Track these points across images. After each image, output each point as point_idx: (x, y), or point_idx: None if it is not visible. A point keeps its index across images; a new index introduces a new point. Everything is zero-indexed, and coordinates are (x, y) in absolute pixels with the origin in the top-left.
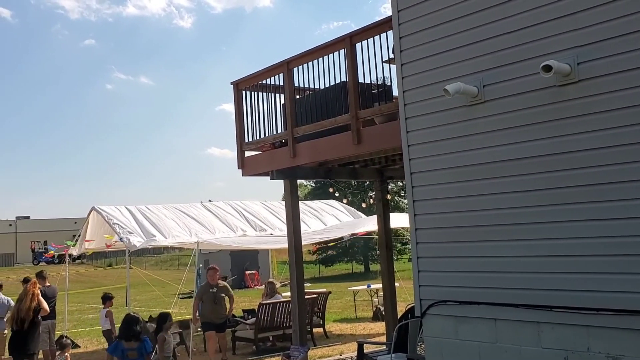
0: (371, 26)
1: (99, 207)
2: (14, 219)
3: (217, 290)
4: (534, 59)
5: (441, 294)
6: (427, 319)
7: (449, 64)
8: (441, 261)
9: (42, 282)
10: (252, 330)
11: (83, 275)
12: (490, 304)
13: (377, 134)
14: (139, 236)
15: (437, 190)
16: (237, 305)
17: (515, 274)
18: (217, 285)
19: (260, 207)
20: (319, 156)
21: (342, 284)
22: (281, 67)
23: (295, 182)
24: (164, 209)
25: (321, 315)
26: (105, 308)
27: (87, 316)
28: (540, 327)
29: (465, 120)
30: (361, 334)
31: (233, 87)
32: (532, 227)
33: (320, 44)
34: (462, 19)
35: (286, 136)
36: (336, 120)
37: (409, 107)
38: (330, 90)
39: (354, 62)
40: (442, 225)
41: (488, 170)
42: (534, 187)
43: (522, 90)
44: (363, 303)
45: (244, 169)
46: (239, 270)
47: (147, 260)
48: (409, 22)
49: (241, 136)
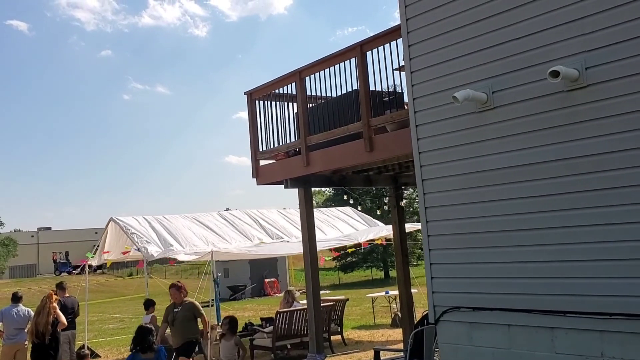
0: (381, 34)
1: (117, 217)
2: (35, 230)
3: (181, 310)
4: (542, 64)
5: (455, 300)
6: (441, 325)
7: (458, 71)
8: (454, 267)
9: (62, 293)
10: (270, 339)
11: (104, 285)
12: (503, 310)
13: (389, 141)
14: (156, 246)
15: (449, 196)
16: (256, 313)
17: (528, 279)
18: (181, 305)
19: (278, 215)
20: (332, 164)
21: (362, 290)
22: (293, 77)
23: (310, 190)
24: (181, 219)
25: (339, 322)
26: (149, 314)
27: (108, 326)
28: (554, 333)
29: (475, 126)
30: (379, 340)
31: (247, 96)
32: (544, 233)
33: (332, 53)
34: (470, 26)
35: (299, 145)
36: (348, 128)
37: (419, 114)
38: (342, 99)
39: (365, 70)
40: (455, 231)
41: (498, 176)
42: (544, 192)
43: (531, 95)
44: (382, 310)
45: (259, 177)
46: (258, 279)
47: (167, 269)
48: (417, 30)
49: (255, 145)
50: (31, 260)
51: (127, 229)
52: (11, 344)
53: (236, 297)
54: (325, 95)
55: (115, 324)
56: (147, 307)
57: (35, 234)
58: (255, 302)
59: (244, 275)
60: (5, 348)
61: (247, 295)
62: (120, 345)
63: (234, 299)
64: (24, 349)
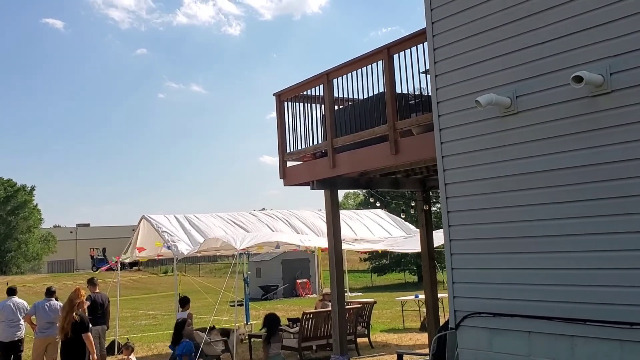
0: (408, 37)
1: (148, 215)
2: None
3: None
4: (566, 69)
5: (475, 305)
6: (462, 330)
7: (482, 75)
8: (475, 272)
9: (93, 288)
10: (296, 339)
11: (138, 282)
12: (524, 317)
13: (415, 145)
14: (186, 244)
15: (471, 201)
16: (287, 313)
17: (549, 286)
18: None
19: (314, 215)
20: (358, 166)
21: (393, 293)
22: (321, 78)
23: (336, 192)
24: (212, 218)
25: (366, 325)
26: (185, 311)
27: (140, 322)
28: (574, 341)
29: (499, 131)
30: (407, 344)
31: (275, 98)
32: (566, 239)
33: (359, 56)
34: (495, 30)
35: (326, 146)
36: (374, 131)
37: (443, 118)
38: (368, 101)
39: (392, 73)
40: (477, 236)
41: (522, 181)
42: (567, 198)
43: (555, 101)
44: (412, 313)
45: (286, 178)
46: (290, 279)
47: (201, 267)
48: (442, 33)
49: (283, 146)
50: (69, 255)
51: (158, 227)
52: (43, 337)
53: (268, 296)
54: (352, 98)
55: (147, 320)
56: (183, 304)
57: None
58: (286, 302)
59: (276, 276)
60: (37, 341)
61: (279, 295)
62: (151, 342)
63: (265, 299)
64: (55, 343)
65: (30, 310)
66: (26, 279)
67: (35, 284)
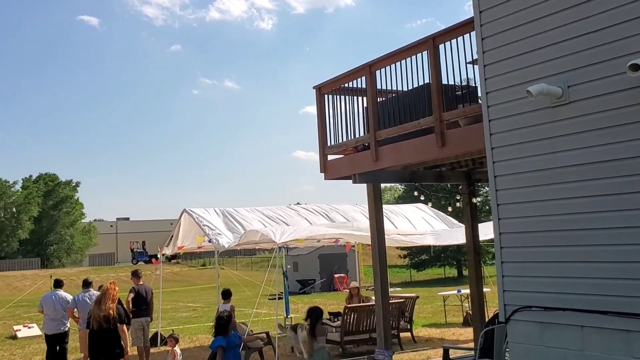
0: (454, 27)
1: (190, 209)
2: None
3: None
4: (619, 58)
5: (526, 299)
6: (512, 324)
7: (533, 65)
8: (526, 266)
9: (137, 280)
10: (338, 333)
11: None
12: (576, 311)
13: (461, 137)
14: (227, 237)
15: (521, 193)
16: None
17: (602, 279)
18: None
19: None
20: (402, 159)
21: (434, 288)
22: (363, 70)
23: (379, 186)
24: (249, 212)
25: (409, 319)
26: (227, 303)
27: (181, 314)
28: (630, 336)
29: (550, 121)
30: (450, 339)
31: (315, 91)
32: (621, 232)
33: (403, 46)
34: (545, 18)
35: (368, 139)
36: (419, 123)
37: (492, 108)
38: (412, 93)
39: (437, 63)
40: (527, 229)
41: (574, 173)
42: (621, 190)
43: (608, 90)
44: (454, 308)
45: (326, 172)
46: (327, 273)
47: (238, 261)
48: (490, 22)
49: (323, 140)
50: (110, 249)
51: (199, 220)
52: None
53: (305, 290)
54: (395, 89)
55: (188, 312)
56: (225, 297)
57: (114, 223)
58: (324, 296)
59: (313, 270)
60: (82, 332)
61: (316, 289)
62: (192, 334)
63: (303, 293)
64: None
65: (72, 304)
66: (68, 272)
67: (77, 277)
